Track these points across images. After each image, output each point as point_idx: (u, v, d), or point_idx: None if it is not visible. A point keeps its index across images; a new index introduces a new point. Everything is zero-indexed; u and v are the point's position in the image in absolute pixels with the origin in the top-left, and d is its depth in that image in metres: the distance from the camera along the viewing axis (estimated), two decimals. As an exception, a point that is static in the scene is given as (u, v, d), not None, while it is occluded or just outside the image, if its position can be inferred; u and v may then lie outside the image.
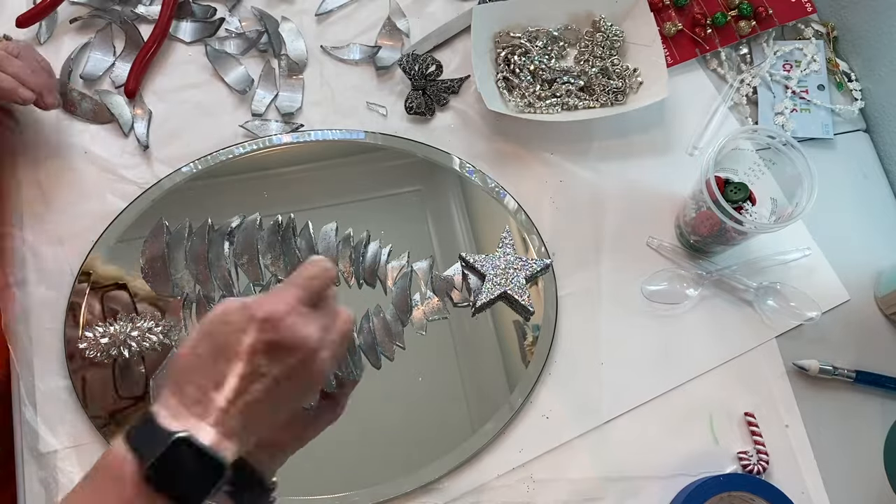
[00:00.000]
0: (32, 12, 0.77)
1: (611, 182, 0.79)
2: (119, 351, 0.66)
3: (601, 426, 0.70)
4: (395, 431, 0.69)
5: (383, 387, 0.70)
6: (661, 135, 0.81)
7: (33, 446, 0.66)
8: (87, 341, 0.66)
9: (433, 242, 0.76)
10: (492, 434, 0.69)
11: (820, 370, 0.72)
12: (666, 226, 0.78)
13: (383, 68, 0.81)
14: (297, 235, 0.74)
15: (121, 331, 0.67)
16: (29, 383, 0.68)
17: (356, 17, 0.84)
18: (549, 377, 0.71)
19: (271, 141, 0.77)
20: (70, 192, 0.74)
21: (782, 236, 0.75)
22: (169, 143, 0.77)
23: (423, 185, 0.79)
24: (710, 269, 0.75)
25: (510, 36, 0.82)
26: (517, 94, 0.80)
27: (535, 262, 0.73)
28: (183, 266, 0.72)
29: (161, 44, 0.80)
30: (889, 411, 0.72)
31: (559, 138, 0.80)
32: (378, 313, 0.72)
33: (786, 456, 0.70)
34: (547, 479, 0.68)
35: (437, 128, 0.80)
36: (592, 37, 0.82)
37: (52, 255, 0.72)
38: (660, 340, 0.74)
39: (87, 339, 0.66)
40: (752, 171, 0.72)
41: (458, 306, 0.73)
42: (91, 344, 0.66)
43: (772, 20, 0.85)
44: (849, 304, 0.76)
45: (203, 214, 0.74)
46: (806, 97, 0.83)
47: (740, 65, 0.85)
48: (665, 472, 0.69)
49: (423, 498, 0.67)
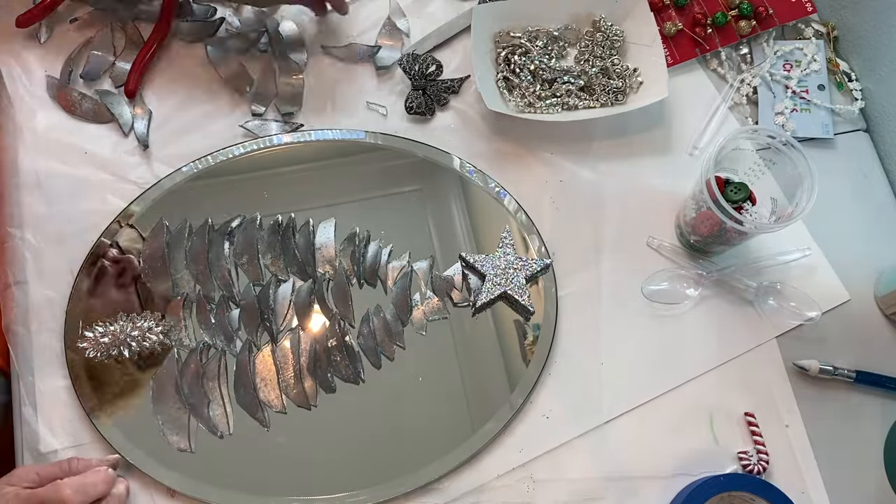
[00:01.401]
0: (32, 12, 0.77)
1: (611, 182, 0.79)
2: (119, 350, 0.66)
3: (601, 426, 0.70)
4: (395, 431, 0.69)
5: (383, 387, 0.70)
6: (661, 135, 0.81)
7: (33, 446, 0.66)
8: (87, 341, 0.66)
9: (433, 242, 0.76)
10: (492, 434, 0.69)
11: (820, 370, 0.72)
12: (666, 226, 0.78)
13: (383, 68, 0.81)
14: (296, 234, 0.74)
15: (121, 330, 0.67)
16: (29, 383, 0.68)
17: (356, 17, 0.84)
18: (549, 377, 0.71)
19: (271, 141, 0.77)
20: (70, 192, 0.74)
21: (782, 236, 0.75)
22: (169, 143, 0.77)
23: (424, 185, 0.79)
24: (710, 269, 0.75)
25: (510, 36, 0.82)
26: (517, 93, 0.80)
27: (535, 262, 0.73)
28: (183, 266, 0.72)
29: (161, 44, 0.79)
30: (889, 411, 0.72)
31: (559, 138, 0.80)
32: (378, 313, 0.72)
33: (786, 456, 0.70)
34: (547, 479, 0.68)
35: (437, 128, 0.80)
36: (592, 37, 0.82)
37: (52, 255, 0.72)
38: (660, 340, 0.74)
39: (88, 338, 0.66)
40: (752, 171, 0.72)
41: (458, 306, 0.73)
42: (91, 344, 0.66)
43: (772, 20, 0.85)
44: (849, 304, 0.76)
45: (203, 214, 0.74)
46: (806, 97, 0.83)
47: (740, 65, 0.85)
48: (665, 472, 0.69)
49: (423, 498, 0.67)
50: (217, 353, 0.70)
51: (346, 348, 0.70)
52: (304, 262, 0.73)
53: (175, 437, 0.67)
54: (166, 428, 0.67)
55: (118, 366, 0.68)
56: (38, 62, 0.79)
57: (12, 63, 0.78)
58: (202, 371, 0.69)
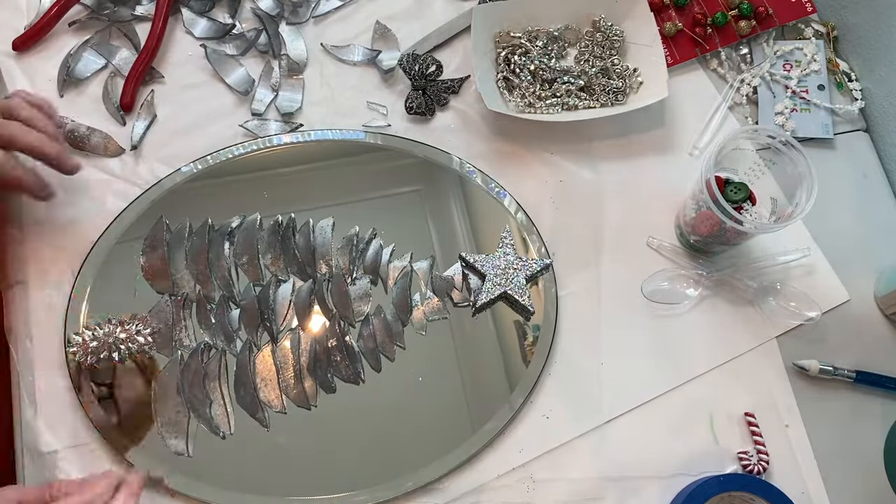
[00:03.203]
0: (28, 35, 0.78)
1: (611, 182, 0.79)
2: (108, 354, 0.66)
3: (601, 426, 0.70)
4: (395, 431, 0.69)
5: (383, 387, 0.70)
6: (661, 135, 0.81)
7: (33, 446, 0.66)
8: (76, 345, 0.66)
9: (433, 242, 0.76)
10: (492, 434, 0.69)
11: (820, 370, 0.72)
12: (666, 226, 0.78)
13: (383, 68, 0.81)
14: (296, 234, 0.74)
15: (109, 334, 0.66)
16: (29, 383, 0.68)
17: (354, 19, 0.84)
18: (549, 377, 0.71)
19: (271, 141, 0.77)
20: (70, 193, 0.74)
21: (782, 236, 0.75)
22: (169, 143, 0.77)
23: (423, 185, 0.79)
24: (710, 269, 0.75)
25: (510, 36, 0.82)
26: (517, 94, 0.80)
27: (535, 262, 0.73)
28: (183, 266, 0.72)
29: (155, 54, 0.79)
30: (889, 411, 0.72)
31: (559, 138, 0.80)
32: (378, 314, 0.72)
33: (786, 456, 0.70)
34: (547, 479, 0.68)
35: (437, 128, 0.80)
36: (592, 37, 0.82)
37: (52, 255, 0.72)
38: (660, 340, 0.74)
39: (76, 342, 0.66)
40: (752, 171, 0.72)
41: (458, 306, 0.73)
42: (80, 347, 0.66)
43: (772, 20, 0.85)
44: (849, 304, 0.76)
45: (203, 214, 0.74)
46: (806, 97, 0.83)
47: (740, 65, 0.85)
48: (665, 472, 0.69)
49: (423, 498, 0.67)
50: (217, 353, 0.70)
51: (346, 348, 0.70)
52: (304, 262, 0.73)
53: (173, 441, 0.66)
54: (165, 431, 0.67)
55: (118, 367, 0.68)
56: (37, 62, 0.79)
57: (11, 63, 0.78)
58: (203, 371, 0.69)
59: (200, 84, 0.80)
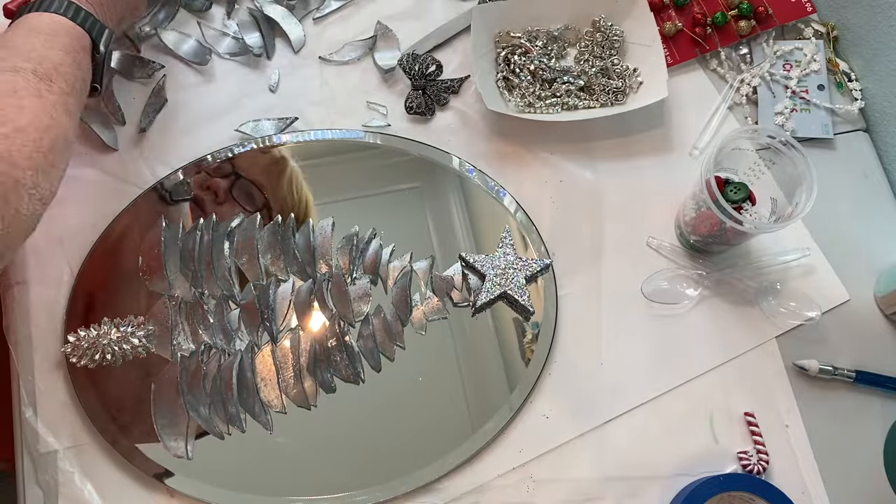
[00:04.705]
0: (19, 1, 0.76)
1: (611, 182, 0.79)
2: (102, 355, 0.66)
3: (601, 426, 0.70)
4: (395, 431, 0.69)
5: (383, 387, 0.70)
6: (661, 135, 0.81)
7: (33, 446, 0.66)
8: (70, 346, 0.66)
9: (433, 242, 0.76)
10: (492, 434, 0.69)
11: (820, 370, 0.72)
12: (666, 226, 0.78)
13: (383, 68, 0.81)
14: (296, 234, 0.74)
15: (103, 335, 0.66)
16: (29, 383, 0.68)
17: (354, 19, 0.84)
18: (549, 377, 0.71)
19: (270, 140, 0.77)
20: (70, 193, 0.74)
21: (782, 236, 0.75)
22: (168, 143, 0.77)
23: (423, 184, 0.79)
24: (710, 269, 0.75)
25: (510, 36, 0.82)
26: (517, 93, 0.80)
27: (535, 262, 0.73)
28: (182, 266, 0.72)
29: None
30: (889, 411, 0.72)
31: (559, 138, 0.80)
32: (378, 313, 0.72)
33: (786, 456, 0.70)
34: (547, 479, 0.68)
35: (437, 128, 0.80)
36: (592, 37, 0.82)
37: (52, 255, 0.72)
38: (660, 340, 0.74)
39: (70, 343, 0.66)
40: (752, 171, 0.72)
41: (458, 306, 0.73)
42: (74, 347, 0.66)
43: (772, 20, 0.85)
44: (849, 304, 0.76)
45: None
46: (806, 97, 0.83)
47: (740, 65, 0.85)
48: (665, 472, 0.69)
49: (423, 498, 0.67)
50: (217, 353, 0.69)
51: (346, 348, 0.70)
52: (304, 261, 0.73)
53: (173, 444, 0.66)
54: (164, 433, 0.66)
55: (118, 367, 0.68)
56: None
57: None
58: (203, 371, 0.69)
59: (200, 84, 0.80)
